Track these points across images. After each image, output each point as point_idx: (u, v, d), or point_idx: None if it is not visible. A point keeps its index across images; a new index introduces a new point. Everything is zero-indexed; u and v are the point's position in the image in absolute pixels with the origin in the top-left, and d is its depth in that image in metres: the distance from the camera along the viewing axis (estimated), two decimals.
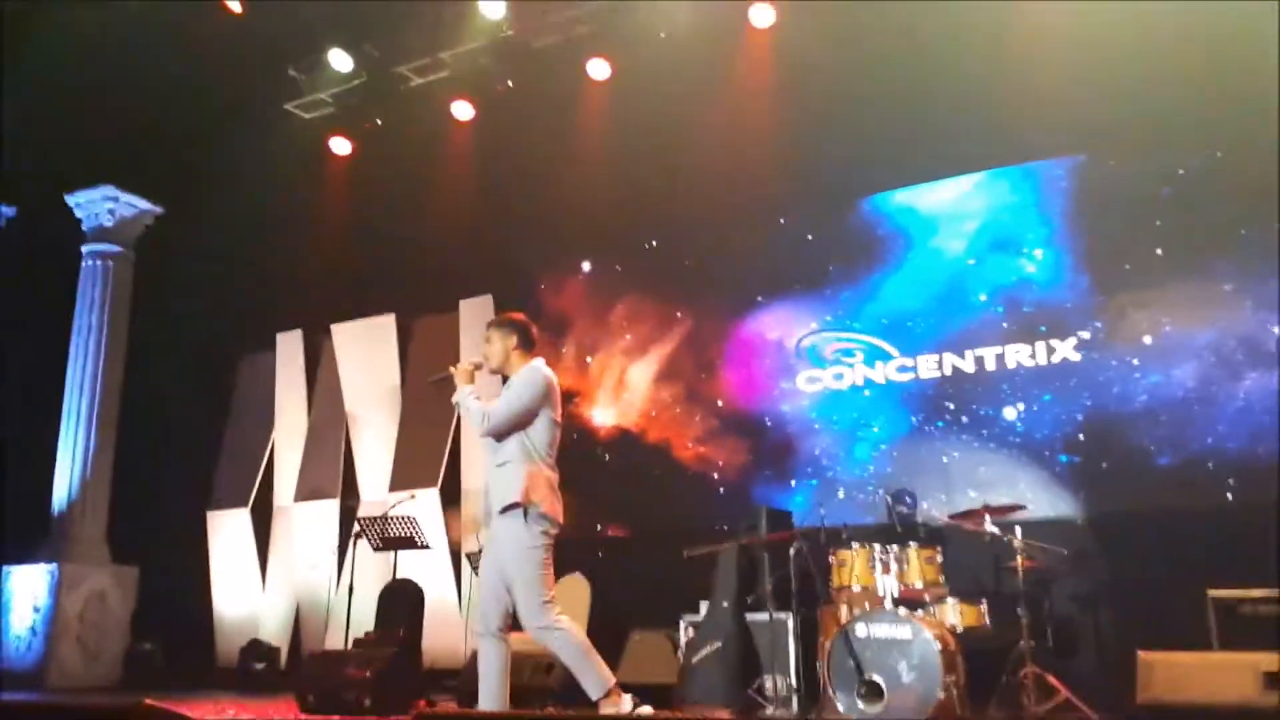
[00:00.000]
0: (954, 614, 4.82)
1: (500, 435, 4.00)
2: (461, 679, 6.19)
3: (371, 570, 7.77)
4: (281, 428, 9.68)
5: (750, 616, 5.61)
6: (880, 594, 4.76)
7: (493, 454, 4.04)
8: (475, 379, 4.22)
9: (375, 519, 6.47)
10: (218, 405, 10.20)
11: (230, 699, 7.16)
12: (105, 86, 8.91)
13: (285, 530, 9.35)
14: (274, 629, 8.96)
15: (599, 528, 8.04)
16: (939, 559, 4.91)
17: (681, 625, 5.99)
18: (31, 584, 9.06)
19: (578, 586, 6.76)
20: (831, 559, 5.10)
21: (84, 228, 10.18)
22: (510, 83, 8.15)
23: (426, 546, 6.44)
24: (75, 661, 8.93)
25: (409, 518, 6.34)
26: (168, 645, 9.05)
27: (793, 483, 7.02)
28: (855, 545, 5.00)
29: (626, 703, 3.91)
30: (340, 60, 8.66)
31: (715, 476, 7.52)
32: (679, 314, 7.97)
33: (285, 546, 9.29)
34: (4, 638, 9.01)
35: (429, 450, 8.74)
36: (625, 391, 8.38)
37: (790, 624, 5.46)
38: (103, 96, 8.99)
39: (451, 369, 4.23)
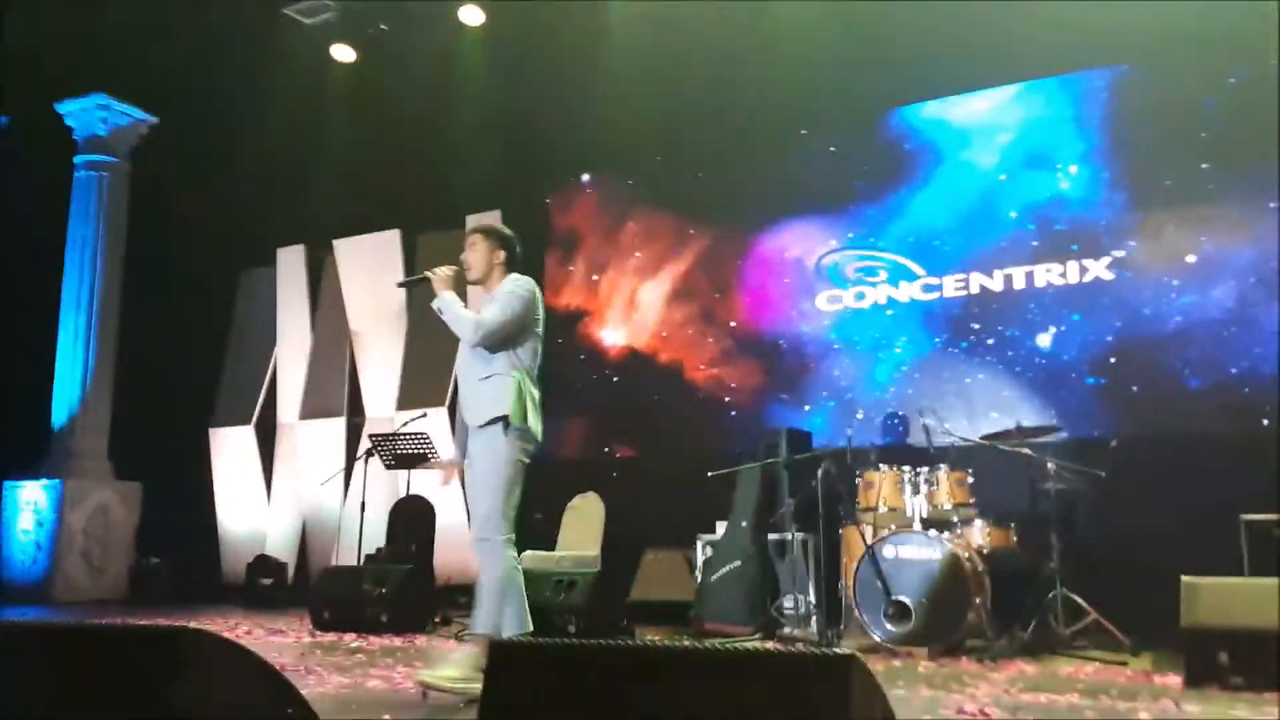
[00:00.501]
0: (982, 536, 4.72)
1: (492, 346, 3.75)
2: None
3: (380, 488, 7.69)
4: (284, 344, 9.51)
5: (769, 536, 5.52)
6: (909, 515, 4.65)
7: (481, 365, 3.76)
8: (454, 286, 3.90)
9: (387, 436, 6.34)
10: (218, 321, 10.00)
11: (240, 615, 7.12)
12: None
13: (290, 448, 9.25)
14: (280, 546, 8.92)
15: (607, 449, 7.95)
16: (969, 480, 4.79)
17: (698, 545, 5.91)
18: (34, 499, 8.97)
19: (592, 504, 6.68)
20: (858, 480, 4.98)
21: (76, 137, 9.83)
22: None
23: (441, 463, 6.30)
24: (81, 576, 8.90)
25: (422, 435, 6.20)
26: (173, 561, 9.01)
27: (809, 405, 6.88)
28: (883, 467, 4.88)
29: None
30: None
31: (728, 399, 7.39)
32: (692, 231, 7.76)
33: (290, 464, 9.19)
34: (8, 552, 8.96)
35: (437, 369, 8.57)
36: (636, 311, 8.20)
37: (810, 545, 5.40)
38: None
39: (429, 273, 3.90)
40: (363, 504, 6.36)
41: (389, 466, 6.40)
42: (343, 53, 8.92)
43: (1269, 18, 5.53)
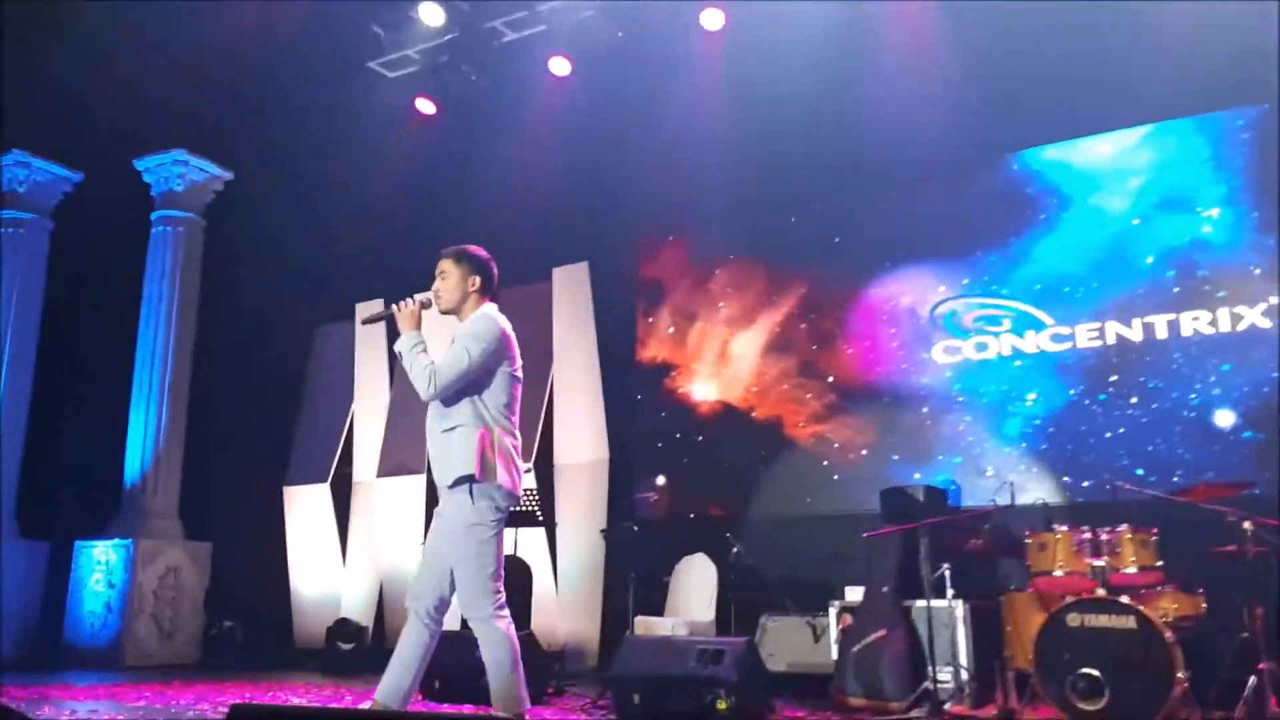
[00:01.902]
0: (1169, 603, 4.33)
1: (448, 398, 3.43)
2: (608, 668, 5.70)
3: None
4: (362, 401, 9.30)
5: (910, 603, 5.15)
6: (1090, 579, 4.28)
7: (439, 419, 3.46)
8: (422, 323, 3.59)
9: None
10: (293, 377, 9.83)
11: (329, 681, 6.79)
12: (175, 45, 8.52)
13: (366, 506, 8.98)
14: (357, 608, 8.59)
15: (696, 509, 7.61)
16: (1154, 541, 4.42)
17: (831, 612, 5.53)
18: (105, 559, 8.73)
19: (703, 567, 6.34)
20: (1028, 540, 4.62)
21: (153, 193, 9.80)
22: (620, 33, 7.63)
23: (552, 523, 6.00)
24: (151, 639, 8.62)
25: (530, 492, 5.90)
26: (245, 624, 8.70)
27: (929, 462, 6.53)
28: (1056, 526, 4.51)
29: None
30: (431, 14, 8.19)
31: (833, 457, 7.04)
32: (791, 280, 7.50)
33: (366, 523, 8.91)
34: (78, 614, 8.70)
35: (522, 425, 8.30)
36: (728, 364, 7.92)
37: (960, 612, 5.02)
38: (172, 56, 8.60)
39: (395, 308, 3.57)
40: None
41: None
42: (425, 106, 8.86)
43: None
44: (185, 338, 9.51)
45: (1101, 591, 4.20)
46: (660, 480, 7.78)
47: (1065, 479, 5.95)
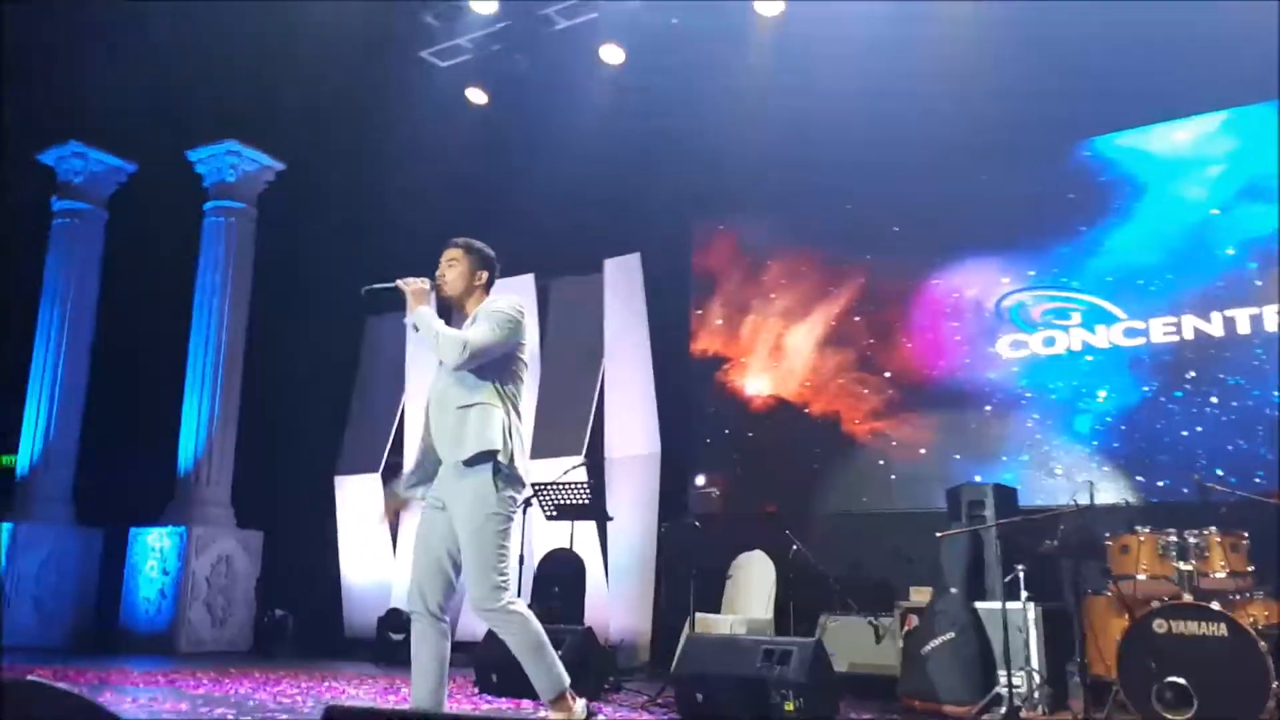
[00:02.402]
0: (1260, 610, 4.15)
1: (478, 370, 3.33)
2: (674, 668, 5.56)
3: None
4: (412, 391, 9.27)
5: (980, 605, 4.99)
6: (1176, 584, 4.10)
7: (462, 392, 3.34)
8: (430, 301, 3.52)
9: (550, 485, 5.97)
10: (344, 367, 9.84)
11: (381, 672, 6.78)
12: (227, 37, 8.54)
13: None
14: (405, 599, 8.57)
15: (754, 505, 7.48)
16: (1244, 545, 4.23)
17: (895, 612, 5.39)
18: (160, 545, 8.81)
19: (761, 565, 6.22)
20: (1109, 543, 4.44)
21: (205, 184, 9.84)
22: (674, 20, 7.49)
23: (608, 517, 5.92)
24: (204, 627, 8.68)
25: (586, 484, 5.83)
26: (297, 613, 8.74)
27: (996, 460, 6.34)
28: (1139, 528, 4.34)
29: (580, 708, 3.35)
30: (483, 3, 8.11)
31: (893, 453, 6.88)
32: (848, 271, 7.34)
33: (417, 513, 8.87)
34: (134, 600, 8.79)
35: (572, 417, 8.26)
36: (783, 357, 7.78)
37: (1032, 615, 4.86)
38: (224, 47, 8.62)
39: (400, 282, 3.54)
40: (521, 557, 5.97)
41: (550, 518, 6.02)
42: (476, 95, 8.79)
43: None
44: (238, 327, 9.55)
45: (1188, 597, 4.03)
46: (703, 479, 7.67)
47: (1139, 479, 5.75)
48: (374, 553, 9.04)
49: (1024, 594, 4.46)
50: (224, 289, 9.53)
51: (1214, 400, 5.68)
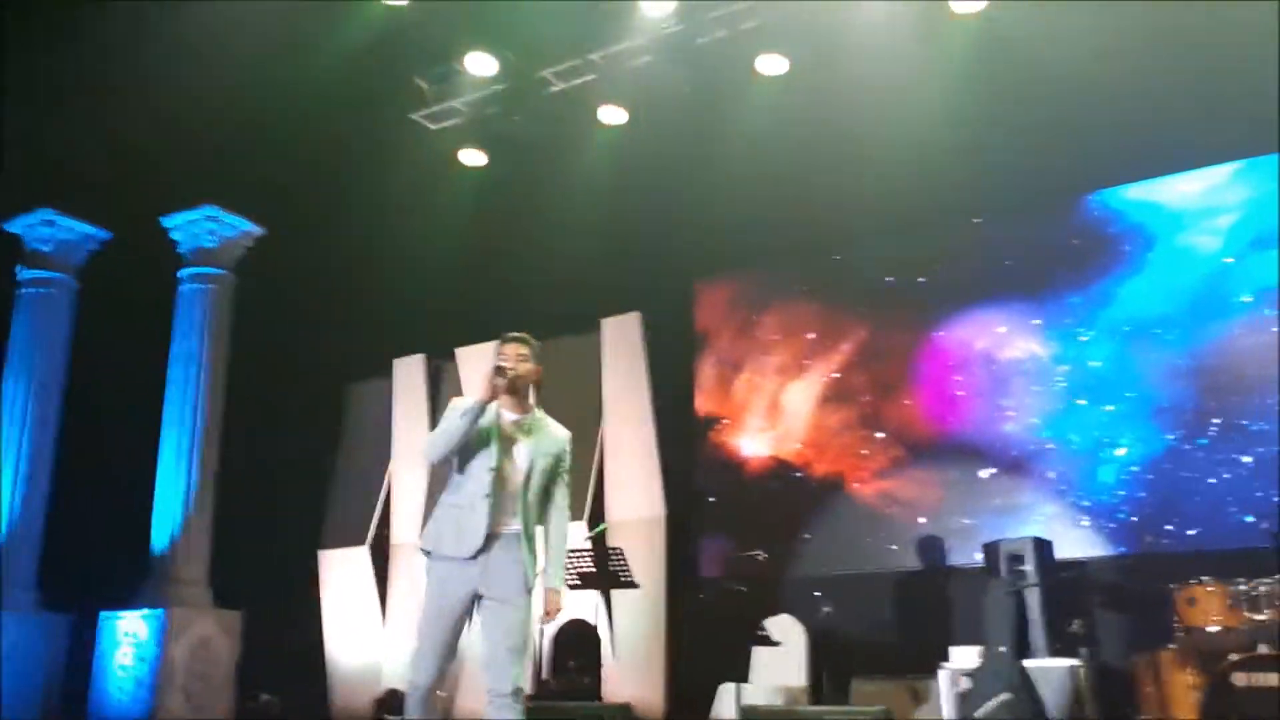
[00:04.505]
0: None
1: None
2: None
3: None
4: (400, 460, 8.98)
5: (1029, 663, 4.85)
6: (1250, 636, 4.00)
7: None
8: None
9: (576, 552, 5.72)
10: (326, 437, 9.51)
11: None
12: (206, 99, 8.36)
13: (408, 570, 8.60)
14: (399, 677, 8.15)
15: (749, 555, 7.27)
16: None
17: (942, 674, 5.21)
18: (134, 630, 8.31)
19: (789, 629, 6.01)
20: (1177, 594, 4.34)
21: (181, 250, 9.54)
22: (684, 86, 7.47)
23: (634, 585, 5.68)
24: (182, 715, 8.16)
25: (618, 551, 5.60)
26: (280, 695, 8.27)
27: (1017, 514, 6.24)
28: (1206, 579, 4.25)
29: None
30: (481, 64, 8.02)
31: (905, 512, 6.77)
32: (851, 326, 7.29)
33: (409, 588, 8.53)
34: (104, 690, 8.25)
35: (572, 481, 7.99)
36: (781, 416, 7.68)
37: (1082, 671, 4.72)
38: (202, 109, 8.43)
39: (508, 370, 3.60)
40: (541, 630, 5.71)
41: (573, 587, 5.76)
42: (472, 157, 8.68)
43: None
44: (215, 397, 9.19)
45: (1264, 648, 3.93)
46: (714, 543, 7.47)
47: (1168, 527, 5.69)
48: (363, 631, 8.63)
49: (1084, 650, 4.32)
50: (200, 357, 9.17)
51: (1239, 446, 5.67)
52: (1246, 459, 5.65)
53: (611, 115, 8.02)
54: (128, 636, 8.34)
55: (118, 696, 8.19)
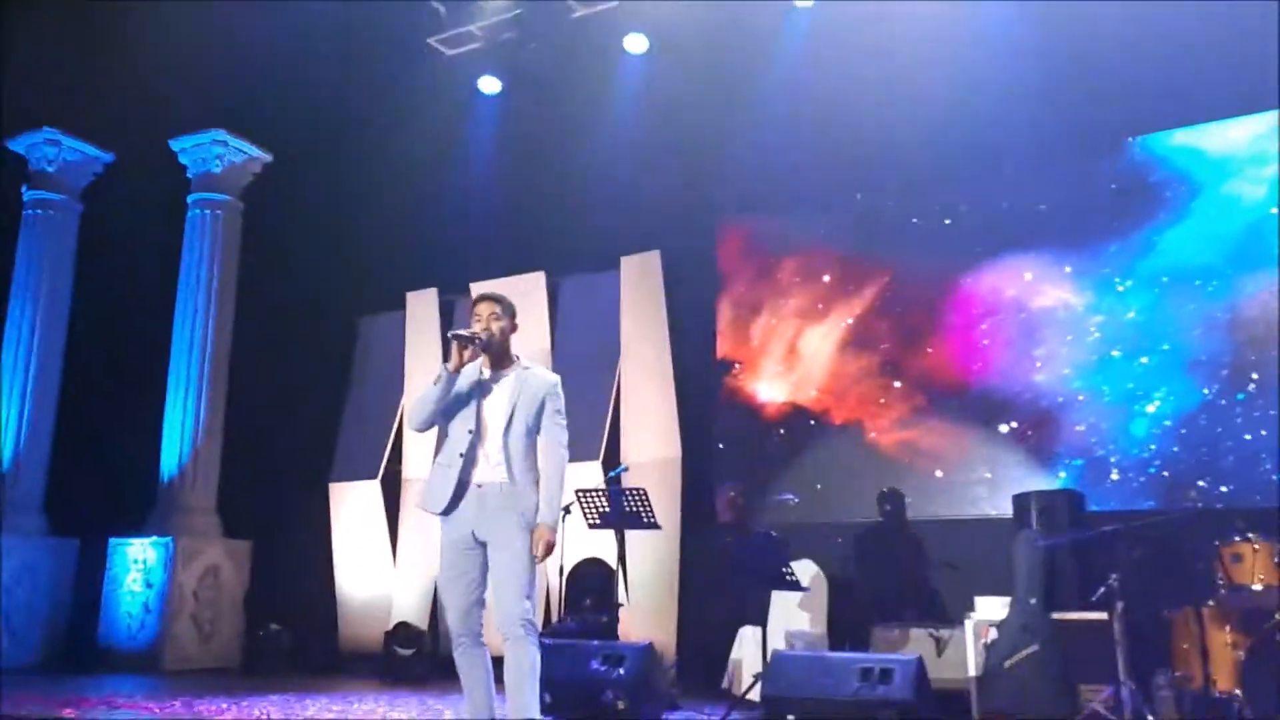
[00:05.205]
0: None
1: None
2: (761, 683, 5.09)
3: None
4: (413, 394, 8.86)
5: (1058, 616, 4.79)
6: None
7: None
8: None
9: (595, 491, 5.63)
10: (338, 369, 9.37)
11: (406, 688, 6.39)
12: (215, 20, 8.08)
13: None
14: (409, 611, 8.15)
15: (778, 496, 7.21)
16: None
17: (967, 624, 5.16)
18: (143, 557, 8.28)
19: (812, 576, 5.95)
20: (1222, 549, 4.26)
21: (189, 175, 9.32)
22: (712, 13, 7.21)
23: (657, 526, 5.60)
24: (191, 642, 8.18)
25: (640, 491, 5.51)
26: (288, 627, 8.25)
27: (1046, 467, 6.16)
28: (1253, 536, 4.17)
29: None
30: None
31: (934, 459, 6.68)
32: (877, 271, 7.13)
33: (420, 521, 8.47)
34: (114, 615, 8.24)
35: (588, 420, 7.92)
36: (800, 361, 7.56)
37: (1116, 626, 4.65)
38: (212, 31, 8.16)
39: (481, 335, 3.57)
40: (561, 568, 5.65)
41: (593, 526, 5.69)
42: (489, 84, 8.42)
43: None
44: (223, 326, 9.05)
45: None
46: (731, 487, 7.38)
47: (1200, 484, 5.61)
48: (373, 564, 8.60)
49: (1119, 604, 4.25)
50: (209, 285, 9.01)
51: (1277, 403, 5.57)
52: None
53: (635, 44, 7.77)
54: (137, 563, 8.31)
55: (126, 622, 8.19)
